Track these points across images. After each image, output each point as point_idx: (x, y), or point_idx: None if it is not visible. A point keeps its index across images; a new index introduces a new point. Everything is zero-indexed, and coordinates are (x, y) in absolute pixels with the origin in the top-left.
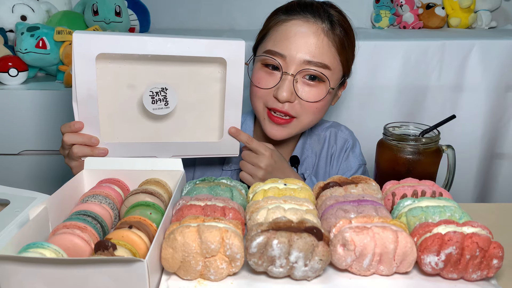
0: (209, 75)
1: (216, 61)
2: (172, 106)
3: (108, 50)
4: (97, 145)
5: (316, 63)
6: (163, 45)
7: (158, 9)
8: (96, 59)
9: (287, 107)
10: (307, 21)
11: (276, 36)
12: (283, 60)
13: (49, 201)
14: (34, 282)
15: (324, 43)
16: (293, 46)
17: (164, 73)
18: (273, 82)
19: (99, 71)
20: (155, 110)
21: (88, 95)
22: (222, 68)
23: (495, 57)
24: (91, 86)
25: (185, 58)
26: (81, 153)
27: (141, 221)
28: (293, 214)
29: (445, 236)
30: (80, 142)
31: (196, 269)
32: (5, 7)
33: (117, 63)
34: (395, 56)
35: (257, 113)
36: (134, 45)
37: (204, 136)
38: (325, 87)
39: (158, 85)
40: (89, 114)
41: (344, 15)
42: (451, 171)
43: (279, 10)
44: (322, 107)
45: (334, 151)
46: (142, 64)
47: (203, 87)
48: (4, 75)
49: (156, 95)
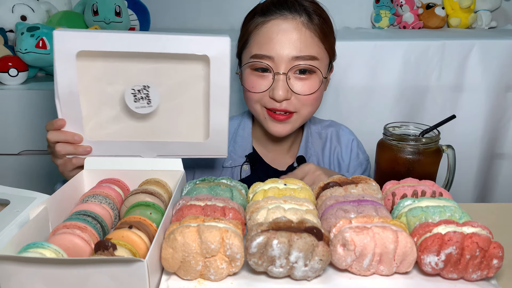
0: (192, 72)
1: (199, 59)
2: (155, 105)
3: (89, 48)
4: (81, 142)
5: (304, 56)
6: (144, 42)
7: (158, 9)
8: (77, 56)
9: (285, 105)
10: (285, 18)
11: (259, 39)
12: (271, 61)
13: (49, 201)
14: (34, 282)
15: (307, 35)
16: (278, 45)
17: (146, 70)
18: (266, 84)
19: (80, 69)
20: (138, 109)
21: (69, 93)
22: (206, 66)
23: (495, 57)
24: (72, 84)
25: (167, 55)
26: (64, 151)
27: (141, 221)
28: (293, 214)
29: (445, 236)
30: (63, 139)
31: (196, 269)
32: (5, 7)
33: (98, 61)
34: (395, 56)
35: (256, 115)
36: (115, 42)
37: (190, 136)
38: (317, 77)
39: (140, 82)
40: (71, 112)
41: (316, 2)
42: (451, 171)
43: (255, 13)
44: (318, 96)
45: (339, 151)
46: (123, 61)
47: (186, 85)
48: (4, 75)
49: (138, 93)
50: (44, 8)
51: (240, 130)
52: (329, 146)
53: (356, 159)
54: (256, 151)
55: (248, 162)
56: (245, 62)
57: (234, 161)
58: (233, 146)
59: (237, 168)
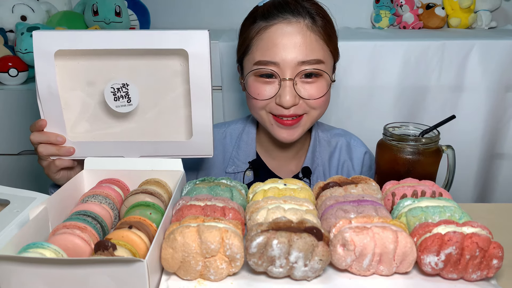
0: (171, 68)
1: (177, 54)
2: (135, 103)
3: (65, 46)
4: (63, 143)
5: (310, 60)
6: (121, 39)
7: (158, 9)
8: (56, 56)
9: (294, 110)
10: (289, 22)
11: (262, 45)
12: (277, 67)
13: (49, 201)
14: (34, 282)
15: (312, 38)
16: (283, 50)
17: (125, 68)
18: (273, 91)
19: (60, 69)
20: (118, 108)
21: (49, 93)
22: (184, 61)
23: (495, 57)
24: (51, 84)
25: (145, 51)
26: (45, 152)
27: (141, 221)
28: (293, 214)
29: (445, 236)
30: (45, 140)
31: (196, 269)
32: (5, 7)
33: (77, 60)
34: (395, 56)
35: (262, 121)
36: (92, 40)
37: (172, 135)
38: (324, 79)
39: (119, 80)
40: (53, 112)
41: (317, 3)
42: (451, 171)
43: (255, 18)
44: (327, 99)
45: (349, 165)
46: (102, 60)
47: (166, 83)
48: (4, 75)
49: (118, 91)
50: (44, 8)
51: (244, 135)
52: (337, 157)
53: (368, 172)
54: (260, 157)
55: (251, 169)
56: (249, 70)
57: (237, 167)
58: (236, 151)
59: (240, 174)
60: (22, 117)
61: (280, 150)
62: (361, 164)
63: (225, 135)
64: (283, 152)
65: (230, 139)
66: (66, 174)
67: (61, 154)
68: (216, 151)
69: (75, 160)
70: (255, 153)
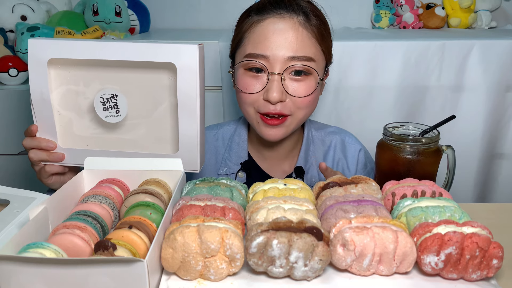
0: (159, 82)
1: (166, 67)
2: (123, 114)
3: (58, 55)
4: (54, 149)
5: (300, 57)
6: (112, 50)
7: (158, 9)
8: (50, 64)
9: (280, 107)
10: (282, 17)
11: (253, 38)
12: (266, 61)
13: (49, 201)
14: (34, 282)
15: (304, 35)
16: (274, 45)
17: (116, 79)
18: (260, 85)
19: (53, 77)
20: (107, 118)
21: (41, 99)
22: (173, 75)
23: (495, 57)
24: (43, 91)
25: (135, 64)
26: (36, 157)
27: (141, 221)
28: (293, 214)
29: (445, 236)
30: (36, 146)
31: (196, 269)
32: (5, 7)
33: (69, 69)
34: (395, 56)
35: (249, 119)
36: (84, 50)
37: (158, 148)
38: (313, 78)
39: (108, 91)
40: (45, 118)
41: (314, 3)
42: (451, 171)
43: (250, 12)
44: (314, 99)
45: (344, 163)
46: (94, 70)
47: (154, 95)
48: (4, 75)
49: (107, 101)
50: (44, 8)
51: (236, 137)
52: (332, 155)
53: (364, 170)
54: (253, 158)
55: (243, 170)
56: (239, 61)
57: (229, 169)
58: (228, 153)
59: (232, 176)
60: (22, 117)
61: (270, 150)
62: (355, 162)
63: (217, 137)
64: (274, 152)
65: (222, 141)
66: (59, 179)
67: (51, 160)
68: (208, 154)
69: (66, 166)
70: (247, 154)
